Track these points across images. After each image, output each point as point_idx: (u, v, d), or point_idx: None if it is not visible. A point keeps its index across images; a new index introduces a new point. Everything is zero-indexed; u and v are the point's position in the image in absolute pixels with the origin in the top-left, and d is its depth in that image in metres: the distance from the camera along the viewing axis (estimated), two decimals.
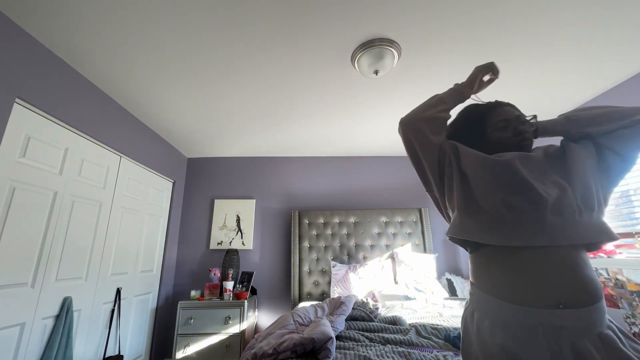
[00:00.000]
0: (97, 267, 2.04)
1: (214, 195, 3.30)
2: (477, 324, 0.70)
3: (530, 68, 1.84)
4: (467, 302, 0.78)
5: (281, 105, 2.27)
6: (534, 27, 1.51)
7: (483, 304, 0.70)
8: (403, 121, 0.86)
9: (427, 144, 0.81)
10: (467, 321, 0.75)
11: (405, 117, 0.86)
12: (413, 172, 3.43)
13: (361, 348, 1.37)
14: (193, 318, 2.47)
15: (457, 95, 0.90)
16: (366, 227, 3.09)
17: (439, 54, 1.70)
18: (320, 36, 1.55)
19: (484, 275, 0.73)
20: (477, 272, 0.75)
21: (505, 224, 0.69)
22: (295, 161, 3.45)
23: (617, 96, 2.05)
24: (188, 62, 1.75)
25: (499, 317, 0.66)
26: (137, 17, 1.42)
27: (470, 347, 0.72)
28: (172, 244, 3.02)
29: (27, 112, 1.56)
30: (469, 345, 0.73)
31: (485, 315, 0.69)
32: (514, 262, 0.67)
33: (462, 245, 0.80)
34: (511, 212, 0.69)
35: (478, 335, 0.69)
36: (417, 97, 2.17)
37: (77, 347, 1.83)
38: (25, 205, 1.54)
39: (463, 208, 0.76)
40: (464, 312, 0.77)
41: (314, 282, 2.94)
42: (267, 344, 1.32)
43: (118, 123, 2.21)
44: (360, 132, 2.80)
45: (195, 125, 2.59)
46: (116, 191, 2.24)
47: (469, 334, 0.73)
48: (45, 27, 1.48)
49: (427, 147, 0.82)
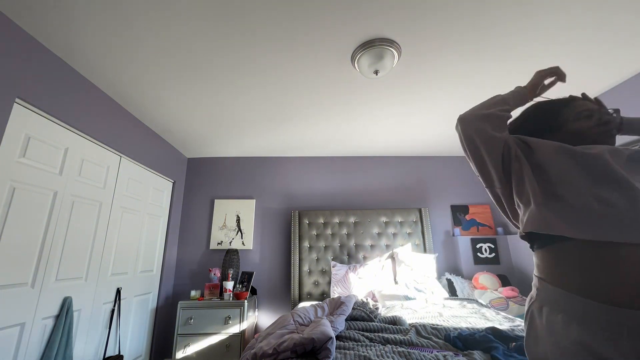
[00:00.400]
0: (97, 267, 2.04)
1: (214, 195, 3.30)
2: (548, 317, 0.67)
3: (530, 68, 1.84)
4: (531, 298, 0.76)
5: (281, 105, 2.27)
6: (534, 28, 1.51)
7: (556, 299, 0.67)
8: (463, 118, 0.84)
9: (490, 139, 0.80)
10: (534, 316, 0.71)
11: (465, 114, 0.85)
12: (413, 172, 3.43)
13: (361, 348, 1.37)
14: (193, 318, 2.47)
15: (519, 97, 0.89)
16: (366, 227, 3.09)
17: (439, 53, 1.70)
18: (320, 36, 1.55)
19: (560, 270, 0.69)
20: (550, 267, 0.71)
21: (598, 218, 0.65)
22: (295, 161, 3.45)
23: (617, 96, 2.05)
24: (188, 63, 1.75)
25: (577, 312, 0.63)
26: (138, 17, 1.42)
27: (537, 344, 0.69)
28: (172, 244, 3.02)
29: (27, 112, 1.56)
30: (534, 342, 0.70)
31: (558, 309, 0.66)
32: (602, 258, 0.63)
33: (529, 241, 0.76)
34: (604, 206, 0.65)
35: (549, 329, 0.66)
36: (417, 97, 2.17)
37: (77, 347, 1.83)
38: (25, 205, 1.54)
39: (542, 202, 0.72)
40: (530, 307, 0.74)
41: (314, 282, 2.94)
42: (267, 344, 1.32)
43: (118, 123, 2.21)
44: (360, 132, 2.80)
45: (196, 125, 2.59)
46: (116, 191, 2.24)
47: (535, 330, 0.70)
48: (46, 27, 1.48)
49: (490, 142, 0.80)
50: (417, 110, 2.39)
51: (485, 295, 2.56)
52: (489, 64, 1.79)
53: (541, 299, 0.71)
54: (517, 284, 2.90)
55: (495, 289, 2.66)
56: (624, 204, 0.64)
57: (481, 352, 1.30)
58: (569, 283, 0.66)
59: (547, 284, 0.71)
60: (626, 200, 0.65)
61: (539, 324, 0.70)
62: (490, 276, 2.75)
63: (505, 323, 1.72)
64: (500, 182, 0.81)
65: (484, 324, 1.71)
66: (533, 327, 0.72)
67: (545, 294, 0.71)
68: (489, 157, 0.80)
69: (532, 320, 0.72)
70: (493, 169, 0.80)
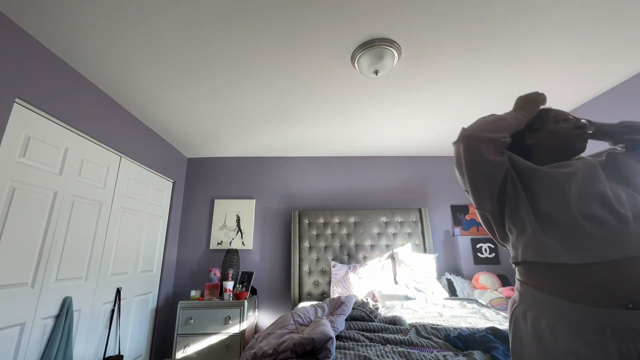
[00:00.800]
0: (97, 267, 2.04)
1: (214, 195, 3.30)
2: (533, 324, 0.68)
3: (530, 69, 1.84)
4: (514, 302, 0.76)
5: (281, 105, 2.27)
6: (534, 28, 1.51)
7: (540, 303, 0.69)
8: (468, 136, 0.80)
9: (493, 163, 0.78)
10: (518, 321, 0.72)
11: (469, 132, 0.80)
12: (413, 172, 3.43)
13: (361, 348, 1.37)
14: (193, 318, 2.47)
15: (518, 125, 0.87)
16: (366, 227, 3.09)
17: (438, 54, 1.70)
18: (320, 36, 1.55)
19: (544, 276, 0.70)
20: (533, 272, 0.73)
21: (589, 238, 0.66)
22: (295, 161, 3.45)
23: (617, 96, 2.05)
24: (189, 63, 1.75)
25: (562, 316, 0.64)
26: (138, 17, 1.41)
27: (524, 350, 0.69)
28: (172, 244, 3.02)
29: (27, 112, 1.56)
30: (520, 348, 0.70)
31: (543, 315, 0.67)
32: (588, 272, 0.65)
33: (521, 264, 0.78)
34: (592, 224, 0.67)
35: (535, 336, 0.67)
36: (417, 97, 2.17)
37: (77, 347, 1.83)
38: (25, 205, 1.54)
39: (538, 227, 0.72)
40: (513, 312, 0.75)
41: (314, 282, 2.94)
42: (267, 344, 1.32)
43: (118, 123, 2.21)
44: (360, 132, 2.80)
45: (196, 125, 2.59)
46: (116, 191, 2.24)
47: (520, 335, 0.71)
48: (46, 27, 1.48)
49: (492, 166, 0.78)
50: (417, 110, 2.39)
51: (485, 295, 2.56)
52: (489, 64, 1.79)
53: (525, 303, 0.72)
54: None
55: (495, 289, 2.66)
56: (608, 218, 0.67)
57: (481, 352, 1.30)
58: (552, 287, 0.68)
59: (530, 288, 0.72)
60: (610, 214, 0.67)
61: (524, 330, 0.71)
62: (490, 276, 2.75)
63: (505, 323, 1.72)
64: (491, 205, 0.81)
65: (484, 324, 1.71)
66: (518, 332, 0.72)
67: (528, 298, 0.72)
68: (488, 180, 0.79)
69: (517, 325, 0.73)
70: (488, 191, 0.80)
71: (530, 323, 0.69)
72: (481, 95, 2.16)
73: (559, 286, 0.67)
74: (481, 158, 0.78)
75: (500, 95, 2.16)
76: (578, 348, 0.61)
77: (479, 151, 0.78)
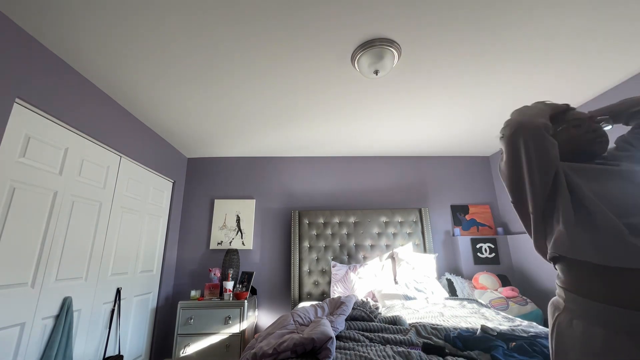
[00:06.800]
0: (97, 267, 2.04)
1: (214, 195, 3.30)
2: (586, 332, 0.66)
3: (530, 69, 1.84)
4: (556, 309, 0.74)
5: (281, 106, 2.27)
6: (534, 28, 1.51)
7: (592, 312, 0.66)
8: (520, 124, 0.78)
9: (550, 142, 0.76)
10: (563, 331, 0.70)
11: (521, 119, 0.79)
12: (413, 172, 3.42)
13: (361, 348, 1.37)
14: (193, 318, 2.47)
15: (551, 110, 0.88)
16: (366, 227, 3.09)
17: (438, 54, 1.70)
18: (320, 36, 1.55)
19: (595, 283, 0.68)
20: (581, 280, 0.71)
21: (628, 245, 0.64)
22: (295, 161, 3.45)
23: (616, 97, 2.05)
24: (189, 63, 1.75)
25: (622, 325, 0.62)
26: (138, 17, 1.41)
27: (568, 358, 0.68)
28: (172, 244, 3.02)
29: (27, 112, 1.56)
30: (564, 356, 0.69)
31: (596, 323, 0.65)
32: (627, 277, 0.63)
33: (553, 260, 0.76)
34: (634, 233, 0.65)
35: (585, 347, 0.65)
36: (417, 97, 2.17)
37: (77, 347, 1.83)
38: (25, 205, 1.54)
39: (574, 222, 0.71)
40: (556, 320, 0.73)
41: (314, 282, 2.94)
42: (267, 344, 1.32)
43: (118, 123, 2.21)
44: (360, 132, 2.80)
45: (196, 125, 2.59)
46: (116, 191, 2.24)
47: (564, 345, 0.69)
48: (46, 27, 1.48)
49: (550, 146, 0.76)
50: (417, 110, 2.39)
51: (485, 295, 2.56)
52: (489, 64, 1.79)
53: (571, 312, 0.70)
54: (517, 284, 2.90)
55: (495, 289, 2.66)
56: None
57: (481, 352, 1.30)
58: (607, 295, 0.66)
59: (577, 296, 0.70)
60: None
61: (568, 337, 0.69)
62: (490, 276, 2.75)
63: (505, 323, 1.72)
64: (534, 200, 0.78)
65: (484, 324, 1.71)
66: (562, 340, 0.70)
67: (575, 306, 0.70)
68: (539, 172, 0.76)
69: (561, 337, 0.71)
70: (541, 188, 0.76)
71: (581, 331, 0.67)
72: (481, 95, 2.16)
73: (610, 290, 0.65)
74: (543, 138, 0.76)
75: (500, 94, 2.16)
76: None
77: (540, 134, 0.76)
